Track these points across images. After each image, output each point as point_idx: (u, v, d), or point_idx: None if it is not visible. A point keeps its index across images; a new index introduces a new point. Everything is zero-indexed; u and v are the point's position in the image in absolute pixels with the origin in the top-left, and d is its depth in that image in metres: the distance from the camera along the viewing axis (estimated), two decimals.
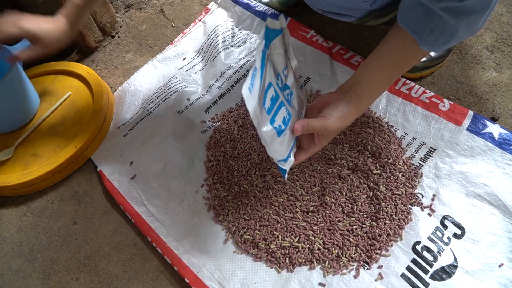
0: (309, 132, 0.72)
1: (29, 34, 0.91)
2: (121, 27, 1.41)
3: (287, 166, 0.72)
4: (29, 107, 1.15)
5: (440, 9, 0.66)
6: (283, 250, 0.85)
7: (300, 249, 0.84)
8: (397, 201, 0.86)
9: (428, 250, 0.81)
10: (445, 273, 0.78)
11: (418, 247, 0.81)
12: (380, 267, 0.81)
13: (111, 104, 1.17)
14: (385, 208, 0.85)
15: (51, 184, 1.07)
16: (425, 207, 0.86)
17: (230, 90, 1.10)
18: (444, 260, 0.79)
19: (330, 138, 0.78)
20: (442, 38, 0.70)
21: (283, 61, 0.74)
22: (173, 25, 1.38)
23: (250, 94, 0.60)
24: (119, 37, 1.38)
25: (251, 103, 0.60)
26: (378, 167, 0.90)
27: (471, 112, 0.93)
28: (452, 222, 0.83)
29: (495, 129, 0.90)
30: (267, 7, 1.23)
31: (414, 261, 0.80)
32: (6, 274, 0.95)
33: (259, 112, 0.63)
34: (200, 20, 1.31)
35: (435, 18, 0.67)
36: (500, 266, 0.77)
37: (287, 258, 0.84)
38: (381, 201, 0.86)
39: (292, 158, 0.74)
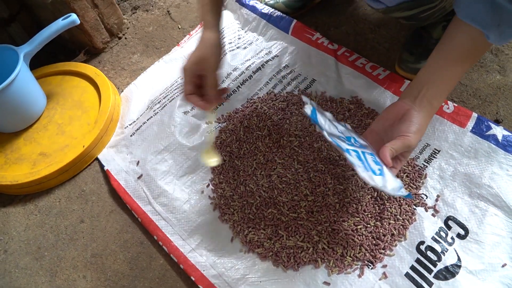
0: (395, 155, 0.71)
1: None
2: (128, 28, 1.42)
3: (404, 191, 0.70)
4: (35, 107, 1.16)
5: (507, 1, 0.64)
6: (288, 250, 0.85)
7: (305, 248, 0.85)
8: (402, 201, 0.87)
9: (432, 250, 0.82)
10: (449, 272, 0.79)
11: (422, 247, 0.82)
12: (384, 266, 0.82)
13: (118, 105, 1.18)
14: (389, 209, 0.86)
15: (59, 183, 1.08)
16: (429, 207, 0.87)
17: (236, 91, 1.11)
18: (448, 260, 0.80)
19: (412, 151, 0.77)
20: (509, 31, 0.67)
21: (331, 125, 0.77)
22: (180, 27, 1.39)
23: (367, 171, 0.66)
24: (126, 38, 1.40)
25: (370, 178, 0.65)
26: None
27: (475, 115, 0.94)
28: (456, 223, 0.84)
29: (498, 131, 0.91)
30: (272, 9, 1.24)
31: (418, 260, 0.81)
32: (13, 271, 0.96)
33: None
34: None
35: (503, 10, 0.65)
36: (503, 266, 0.78)
37: (292, 258, 0.85)
38: (386, 202, 0.87)
39: (401, 183, 0.71)
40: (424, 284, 0.78)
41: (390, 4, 0.88)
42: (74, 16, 1.11)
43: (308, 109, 0.74)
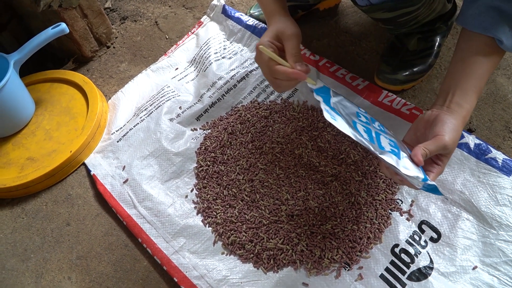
0: (429, 156, 0.70)
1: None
2: (116, 38, 1.45)
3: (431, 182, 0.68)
4: (24, 113, 1.18)
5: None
6: (268, 252, 0.88)
7: (285, 250, 0.88)
8: (378, 206, 0.90)
9: (406, 252, 0.85)
10: (422, 274, 0.82)
11: (397, 250, 0.86)
12: (360, 268, 0.85)
13: (105, 112, 1.20)
14: (366, 213, 0.90)
15: (46, 187, 1.10)
16: (404, 212, 0.90)
17: (221, 99, 1.14)
18: (420, 262, 0.83)
19: (451, 153, 0.73)
20: None
21: (351, 104, 0.79)
22: (167, 37, 1.42)
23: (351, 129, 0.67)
24: (114, 47, 1.43)
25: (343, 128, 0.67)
26: (360, 174, 0.95)
27: None
28: (429, 227, 0.88)
29: (471, 140, 0.95)
30: (257, 21, 1.28)
31: (392, 262, 0.84)
32: (0, 273, 0.98)
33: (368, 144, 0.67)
34: (193, 33, 1.36)
35: (510, 17, 0.69)
36: (473, 268, 0.82)
37: (272, 259, 0.88)
38: (362, 206, 0.90)
39: (432, 182, 0.68)
40: (397, 285, 0.81)
41: (374, 2, 0.91)
42: (63, 25, 1.14)
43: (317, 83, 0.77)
